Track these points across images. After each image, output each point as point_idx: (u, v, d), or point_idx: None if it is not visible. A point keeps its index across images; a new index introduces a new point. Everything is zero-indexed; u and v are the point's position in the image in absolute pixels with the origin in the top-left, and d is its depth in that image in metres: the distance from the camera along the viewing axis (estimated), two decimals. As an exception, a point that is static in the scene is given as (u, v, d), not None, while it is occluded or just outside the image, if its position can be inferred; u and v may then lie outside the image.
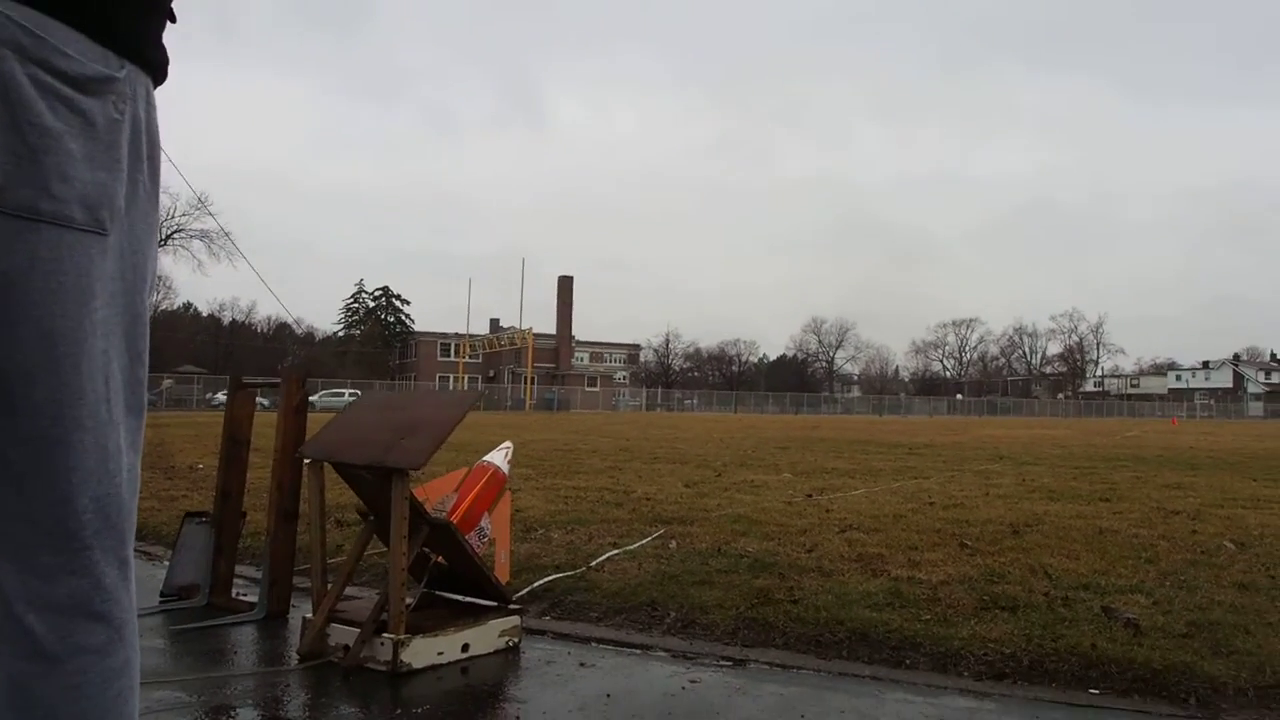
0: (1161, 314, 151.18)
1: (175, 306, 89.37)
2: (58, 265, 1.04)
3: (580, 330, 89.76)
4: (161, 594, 4.36)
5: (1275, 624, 3.91)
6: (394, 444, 3.37)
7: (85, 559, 1.11)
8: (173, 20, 1.23)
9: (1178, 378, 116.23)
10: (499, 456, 4.11)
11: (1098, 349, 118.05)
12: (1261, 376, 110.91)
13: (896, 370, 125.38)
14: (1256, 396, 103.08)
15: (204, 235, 62.03)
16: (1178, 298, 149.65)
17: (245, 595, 4.42)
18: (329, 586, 3.65)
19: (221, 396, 56.51)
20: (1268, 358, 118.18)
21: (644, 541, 5.73)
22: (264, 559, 4.21)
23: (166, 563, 4.69)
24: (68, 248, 1.05)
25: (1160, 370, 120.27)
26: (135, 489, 1.20)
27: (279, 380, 4.34)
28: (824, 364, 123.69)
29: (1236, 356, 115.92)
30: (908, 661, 3.61)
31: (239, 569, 4.74)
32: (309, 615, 3.62)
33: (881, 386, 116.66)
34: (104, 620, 1.12)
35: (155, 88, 1.22)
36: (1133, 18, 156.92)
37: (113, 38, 1.10)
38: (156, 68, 1.20)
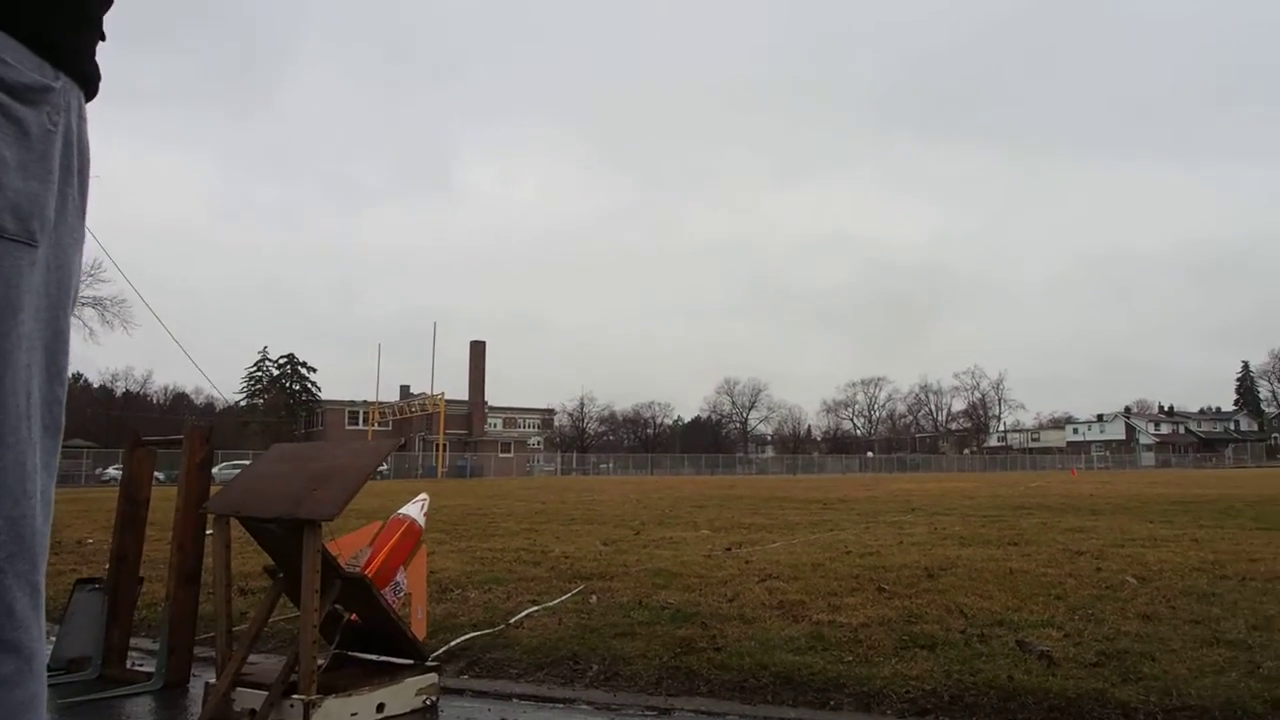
0: (1057, 370, 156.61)
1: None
2: None
3: (493, 395, 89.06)
4: (48, 667, 4.11)
5: (1179, 650, 4.03)
6: (305, 495, 3.27)
7: None
8: (103, 39, 1.21)
9: (1075, 431, 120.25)
10: (414, 509, 4.02)
11: (999, 405, 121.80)
12: (1152, 428, 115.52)
13: (809, 430, 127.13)
14: (1148, 447, 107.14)
15: (97, 302, 59.80)
16: (1071, 354, 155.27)
17: (141, 666, 4.20)
18: (234, 650, 3.50)
19: (113, 471, 54.16)
20: (1156, 410, 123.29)
21: (564, 598, 5.64)
22: (163, 624, 4.01)
23: (53, 637, 4.44)
24: None
25: (1058, 424, 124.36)
26: (49, 513, 1.12)
27: (180, 437, 4.19)
28: (738, 425, 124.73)
29: (1128, 409, 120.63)
30: (832, 702, 3.60)
31: (135, 642, 4.50)
32: (212, 681, 3.45)
33: (795, 446, 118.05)
34: (13, 650, 1.03)
35: (87, 101, 1.19)
36: (1020, 98, 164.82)
37: (49, 48, 1.07)
38: (90, 81, 1.18)
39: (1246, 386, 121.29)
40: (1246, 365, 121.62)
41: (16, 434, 1.05)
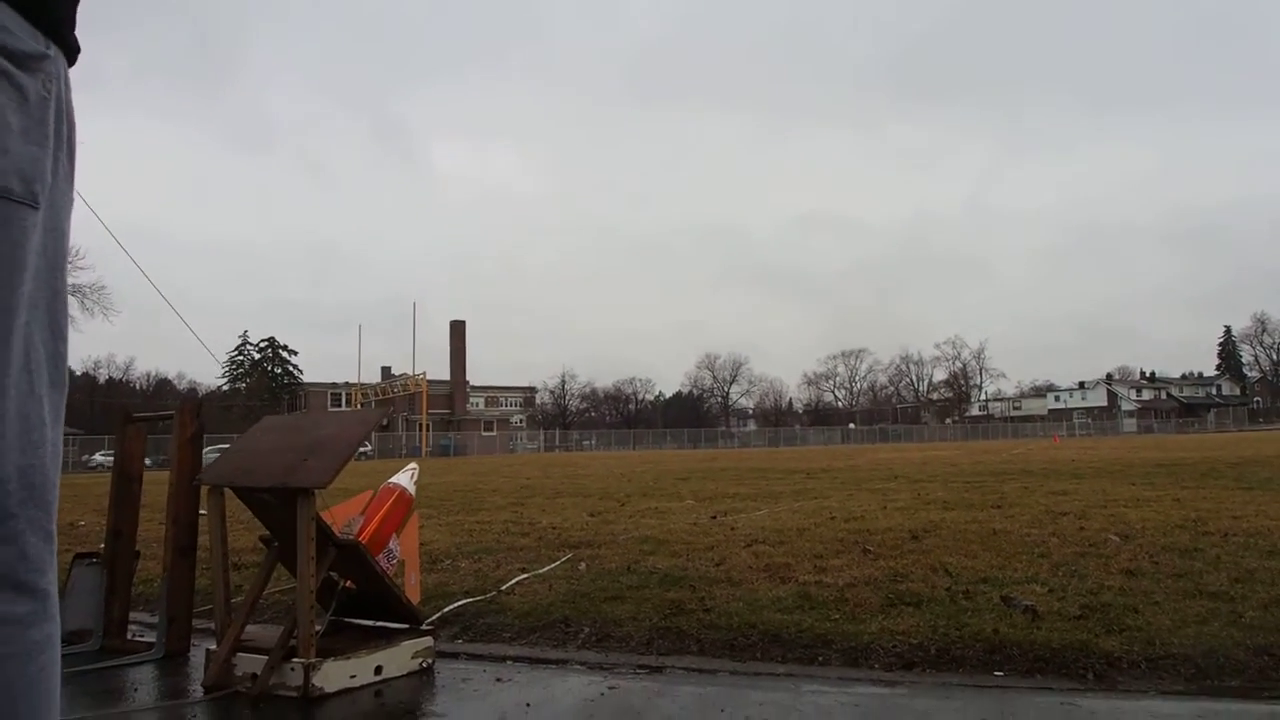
0: (1038, 339, 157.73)
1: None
2: None
3: (474, 374, 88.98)
4: (49, 641, 4.13)
5: (1161, 603, 4.11)
6: (297, 464, 3.29)
7: (10, 527, 1.08)
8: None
9: (1056, 398, 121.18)
10: (404, 478, 4.05)
11: (980, 374, 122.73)
12: (1133, 394, 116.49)
13: (790, 403, 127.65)
14: (1129, 413, 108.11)
15: (76, 290, 59.32)
16: (1052, 322, 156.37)
17: (142, 637, 4.24)
18: (232, 618, 3.53)
19: (99, 457, 53.88)
20: (1138, 376, 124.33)
21: (553, 565, 5.69)
22: (161, 596, 4.04)
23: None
24: (3, 219, 1.05)
25: (1040, 392, 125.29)
26: (58, 463, 1.18)
27: (170, 413, 4.20)
28: (719, 399, 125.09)
29: (1110, 376, 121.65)
30: (820, 658, 3.67)
31: (133, 615, 4.53)
32: (213, 648, 3.49)
33: (777, 419, 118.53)
34: (29, 591, 1.10)
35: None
36: (999, 68, 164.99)
37: (41, 19, 1.13)
38: (73, 51, 1.23)
39: (1228, 351, 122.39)
40: (1228, 330, 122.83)
41: (19, 388, 1.10)
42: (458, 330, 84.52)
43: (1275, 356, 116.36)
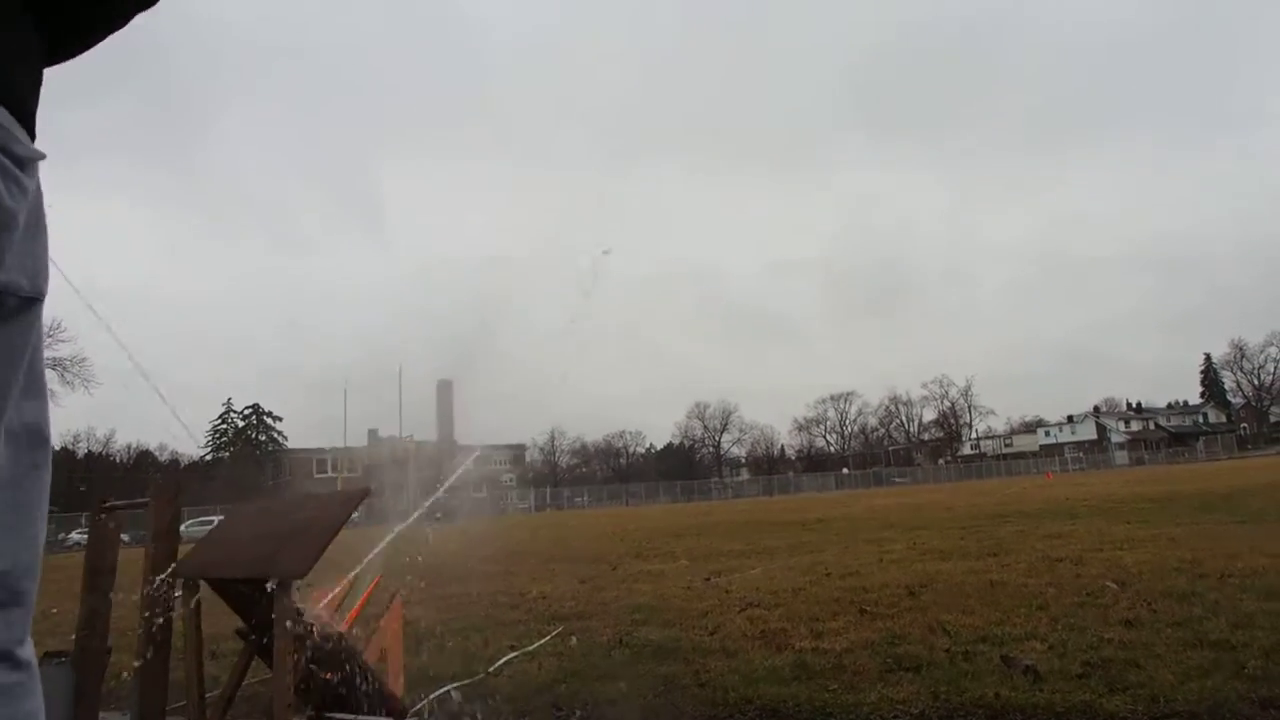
0: (1022, 373, 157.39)
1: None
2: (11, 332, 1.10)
3: (461, 433, 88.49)
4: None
5: (1163, 655, 4.03)
6: (274, 553, 3.19)
7: None
8: None
9: (1046, 434, 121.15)
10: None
11: (969, 412, 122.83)
12: (1122, 426, 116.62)
13: (782, 449, 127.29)
14: (1120, 445, 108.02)
15: (56, 363, 58.92)
16: (1035, 355, 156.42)
17: (114, 739, 4.09)
18: (207, 716, 3.40)
19: (76, 536, 53.06)
20: (1125, 407, 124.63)
21: (543, 641, 5.57)
22: (132, 693, 3.90)
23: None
24: (15, 317, 1.10)
25: (1030, 428, 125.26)
26: (31, 551, 1.17)
27: (145, 501, 4.09)
28: (711, 449, 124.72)
29: (1097, 409, 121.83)
30: (820, 732, 3.56)
31: (104, 715, 4.38)
32: (187, 751, 3.35)
33: (769, 466, 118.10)
34: (13, 662, 1.11)
35: None
36: (964, 102, 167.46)
37: (30, 121, 1.17)
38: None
39: (1211, 378, 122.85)
40: (1208, 357, 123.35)
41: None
42: (444, 390, 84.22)
43: (1256, 382, 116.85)
